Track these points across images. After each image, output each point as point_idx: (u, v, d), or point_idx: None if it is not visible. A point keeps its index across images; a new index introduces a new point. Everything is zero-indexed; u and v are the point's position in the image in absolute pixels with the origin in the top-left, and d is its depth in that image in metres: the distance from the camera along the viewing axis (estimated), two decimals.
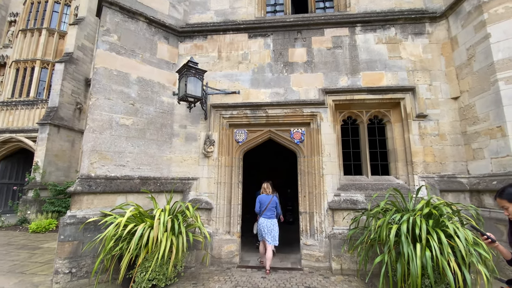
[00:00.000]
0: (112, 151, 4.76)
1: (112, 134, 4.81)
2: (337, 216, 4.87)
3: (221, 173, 5.31)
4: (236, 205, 5.35)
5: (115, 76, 4.99)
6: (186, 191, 5.22)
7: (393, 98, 5.29)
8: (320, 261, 4.80)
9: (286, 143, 5.52)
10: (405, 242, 3.29)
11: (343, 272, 4.54)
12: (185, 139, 5.49)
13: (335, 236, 4.72)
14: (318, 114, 5.29)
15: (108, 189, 4.52)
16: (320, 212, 4.98)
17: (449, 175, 4.94)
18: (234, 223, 5.26)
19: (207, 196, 5.20)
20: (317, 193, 5.05)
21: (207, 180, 5.27)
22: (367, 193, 4.96)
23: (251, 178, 11.23)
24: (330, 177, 5.07)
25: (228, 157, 5.46)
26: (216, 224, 5.12)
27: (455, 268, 3.05)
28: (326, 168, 5.10)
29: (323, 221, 4.92)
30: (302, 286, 3.96)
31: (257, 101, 5.41)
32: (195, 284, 4.01)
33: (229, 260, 5.01)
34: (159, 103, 5.43)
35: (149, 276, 3.62)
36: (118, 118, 4.91)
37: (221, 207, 5.20)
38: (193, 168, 5.36)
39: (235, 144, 5.57)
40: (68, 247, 4.06)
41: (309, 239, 5.01)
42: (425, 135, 5.12)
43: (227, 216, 5.27)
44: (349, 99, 5.31)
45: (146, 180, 5.00)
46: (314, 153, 5.22)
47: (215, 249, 5.03)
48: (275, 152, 11.14)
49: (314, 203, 5.07)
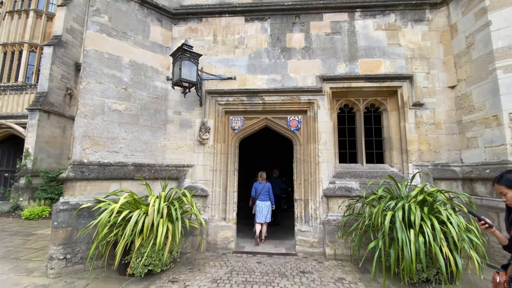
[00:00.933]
0: (104, 137, 4.65)
1: (105, 120, 4.68)
2: (332, 203, 4.92)
3: (216, 161, 5.26)
4: (232, 192, 5.35)
5: (106, 59, 4.80)
6: (181, 178, 5.18)
7: (390, 86, 5.24)
8: (314, 246, 4.88)
9: (282, 131, 5.48)
10: (399, 228, 3.33)
11: (337, 257, 4.63)
12: (179, 125, 5.39)
13: (329, 222, 4.78)
14: (315, 101, 5.22)
15: (101, 176, 4.44)
16: (315, 199, 5.01)
17: (442, 164, 4.99)
18: (229, 210, 5.27)
19: (202, 183, 5.18)
20: (313, 181, 5.07)
21: (203, 167, 5.23)
22: (361, 181, 4.99)
23: (247, 169, 11.25)
24: (326, 165, 5.07)
25: (223, 144, 5.40)
26: (211, 211, 5.13)
27: (447, 253, 3.12)
28: (322, 156, 5.09)
29: (318, 208, 4.97)
30: (296, 271, 4.03)
31: (254, 88, 5.30)
32: (191, 269, 4.05)
33: (224, 246, 5.05)
34: (153, 88, 5.28)
35: (145, 261, 3.62)
36: (110, 103, 4.77)
37: (216, 194, 5.19)
38: (188, 155, 5.30)
39: (231, 132, 5.50)
40: (62, 233, 4.02)
41: (303, 225, 5.06)
42: (421, 124, 5.13)
43: (223, 203, 5.28)
44: (347, 86, 5.25)
45: (140, 167, 4.93)
46: (310, 141, 5.19)
47: (211, 235, 5.06)
48: (271, 141, 11.13)
49: (309, 190, 5.09)
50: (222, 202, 5.26)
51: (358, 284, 3.62)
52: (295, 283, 3.58)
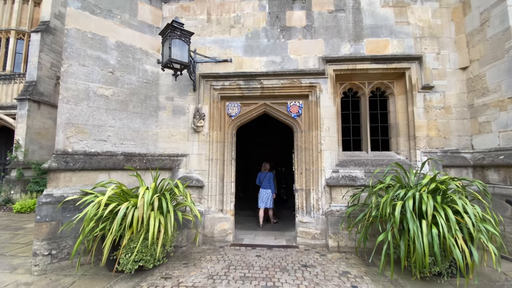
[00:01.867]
0: (90, 125, 4.30)
1: (90, 106, 4.32)
2: (335, 193, 4.65)
3: (212, 149, 4.95)
4: (229, 182, 5.06)
5: (90, 40, 4.40)
6: (175, 168, 4.87)
7: (398, 68, 4.88)
8: (316, 238, 4.64)
9: (282, 117, 5.14)
10: (410, 219, 3.06)
11: (340, 249, 4.39)
12: (172, 112, 5.03)
13: (332, 213, 4.52)
14: (318, 85, 4.87)
15: (88, 166, 4.13)
16: (317, 189, 4.74)
17: (452, 150, 4.70)
18: (227, 201, 5.00)
19: (197, 174, 4.88)
20: (315, 170, 4.78)
21: (198, 156, 4.92)
22: (366, 169, 4.71)
23: (246, 160, 10.97)
24: (329, 153, 4.77)
25: (220, 132, 5.07)
26: (208, 202, 4.85)
27: (462, 246, 2.87)
28: (324, 143, 4.78)
29: (320, 198, 4.70)
30: (298, 264, 3.79)
31: (251, 71, 4.93)
32: (185, 264, 3.80)
33: (222, 238, 4.80)
34: (142, 72, 4.89)
35: (135, 257, 3.36)
36: (96, 87, 4.40)
37: (213, 185, 4.90)
38: (182, 144, 4.97)
39: (227, 119, 5.16)
40: (45, 228, 3.74)
41: (305, 216, 4.81)
42: (430, 108, 4.80)
43: (220, 194, 4.99)
44: (351, 68, 4.88)
45: (131, 157, 4.61)
46: (312, 128, 4.87)
47: (207, 227, 4.80)
48: (269, 130, 10.80)
49: (311, 180, 4.81)
50: (219, 193, 4.98)
51: (364, 278, 3.39)
52: (297, 278, 3.33)
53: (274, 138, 11.12)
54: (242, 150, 11.02)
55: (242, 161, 11.03)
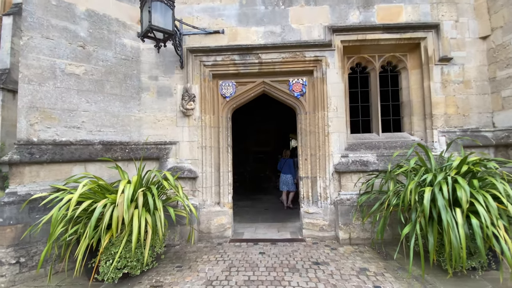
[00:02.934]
0: (59, 109, 3.64)
1: (58, 86, 3.64)
2: (345, 180, 4.17)
3: (205, 136, 4.36)
4: (226, 172, 4.52)
5: (54, 7, 3.65)
6: (163, 158, 4.28)
7: (412, 38, 4.33)
8: (324, 230, 4.20)
9: (283, 98, 4.57)
10: (443, 207, 2.61)
11: (352, 241, 3.97)
12: (157, 93, 4.39)
13: (342, 202, 4.05)
14: (324, 59, 4.28)
15: (58, 158, 3.50)
16: (324, 176, 4.25)
17: (472, 129, 4.26)
18: (224, 192, 4.47)
19: (190, 163, 4.30)
20: (321, 155, 4.27)
21: (189, 144, 4.33)
22: (379, 153, 4.23)
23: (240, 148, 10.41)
24: (337, 136, 4.26)
25: (213, 116, 4.47)
26: (203, 195, 4.31)
27: (504, 236, 2.44)
28: (332, 125, 4.25)
29: (328, 186, 4.22)
30: (308, 262, 3.34)
31: (247, 43, 4.28)
32: (179, 267, 3.29)
33: (220, 234, 4.31)
34: (120, 47, 4.19)
35: (118, 264, 2.82)
36: (64, 64, 3.70)
37: (208, 176, 4.35)
38: (170, 130, 4.36)
39: (221, 100, 4.55)
40: (10, 233, 3.14)
41: (311, 206, 4.34)
42: (448, 83, 4.31)
43: (216, 185, 4.46)
44: (361, 39, 4.30)
45: (111, 146, 3.99)
46: (318, 108, 4.32)
47: (203, 223, 4.29)
48: (268, 114, 10.23)
49: (317, 167, 4.31)
50: (214, 184, 4.44)
51: (386, 275, 2.96)
52: (310, 280, 2.88)
53: (273, 124, 10.56)
54: (237, 137, 10.45)
55: (237, 149, 10.49)
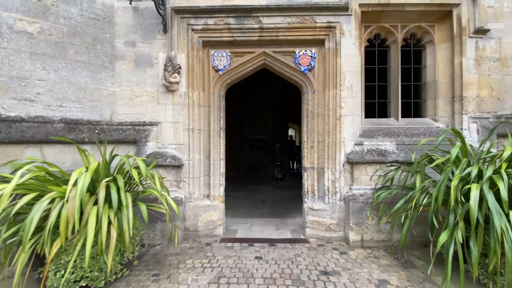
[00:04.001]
0: (6, 76, 2.86)
1: (4, 47, 2.85)
2: (358, 172, 3.53)
3: (193, 116, 3.64)
4: (218, 160, 3.83)
5: None
6: (142, 141, 3.56)
7: (444, 5, 3.60)
8: (331, 230, 3.59)
9: (287, 73, 3.84)
10: (496, 211, 2.00)
11: (364, 244, 3.38)
12: (134, 63, 3.61)
13: (354, 198, 3.43)
14: (338, 26, 3.54)
15: (4, 137, 2.76)
16: (334, 167, 3.60)
17: (507, 115, 3.63)
18: (215, 184, 3.81)
19: (173, 149, 3.60)
20: (331, 142, 3.61)
21: (173, 125, 3.60)
22: (399, 141, 3.59)
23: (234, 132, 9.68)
24: (350, 120, 3.58)
25: (203, 93, 3.73)
26: (189, 186, 3.64)
27: None
28: (345, 106, 3.57)
29: (338, 179, 3.58)
30: (316, 271, 2.74)
31: (246, 4, 3.49)
32: (156, 276, 2.65)
33: (209, 232, 3.68)
34: (88, 3, 3.36)
35: (72, 276, 2.16)
36: (13, 19, 2.89)
37: (195, 164, 3.66)
38: (150, 109, 3.62)
39: (213, 74, 3.80)
40: None
41: (316, 202, 3.72)
42: (483, 60, 3.63)
43: (205, 175, 3.78)
44: (384, 3, 3.55)
45: (76, 125, 3.24)
46: (329, 86, 3.62)
47: (190, 219, 3.64)
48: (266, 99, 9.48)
49: (325, 156, 3.66)
50: (204, 174, 3.76)
51: None
52: None
53: (270, 110, 9.82)
54: (233, 122, 9.71)
55: (232, 135, 9.78)
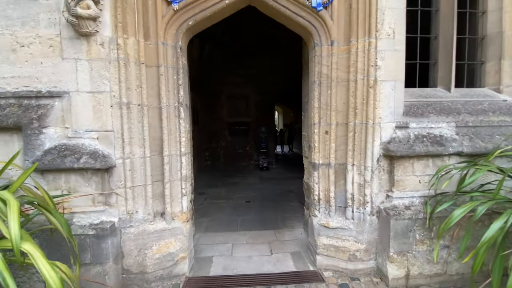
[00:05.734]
0: None
1: None
2: (402, 170, 2.26)
3: (129, 82, 2.09)
4: (177, 156, 2.35)
5: None
6: (33, 127, 1.98)
7: None
8: (357, 259, 2.35)
9: (289, 11, 2.34)
10: None
11: (410, 282, 2.19)
12: None
13: (397, 212, 2.18)
14: None
15: None
16: (362, 163, 2.30)
17: None
18: (173, 194, 2.36)
19: (94, 139, 2.07)
20: (359, 124, 2.28)
21: (92, 98, 2.05)
22: (459, 121, 2.35)
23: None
24: (391, 88, 2.25)
25: (146, 41, 2.17)
26: (128, 202, 2.16)
27: None
28: (383, 66, 2.21)
29: (369, 182, 2.29)
30: None
31: None
32: None
33: (165, 273, 2.29)
34: None
35: None
36: None
37: (137, 164, 2.17)
38: (49, 67, 2.02)
39: (164, 8, 2.20)
40: None
41: (333, 216, 2.44)
42: None
43: (157, 181, 2.31)
44: None
45: None
46: (357, 32, 2.22)
47: (131, 255, 2.19)
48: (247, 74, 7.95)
49: (348, 146, 2.34)
50: (153, 180, 2.28)
51: None
52: None
53: (254, 89, 8.30)
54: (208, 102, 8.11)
55: (209, 118, 8.21)
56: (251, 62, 7.97)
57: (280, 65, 8.05)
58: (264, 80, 8.11)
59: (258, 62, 7.97)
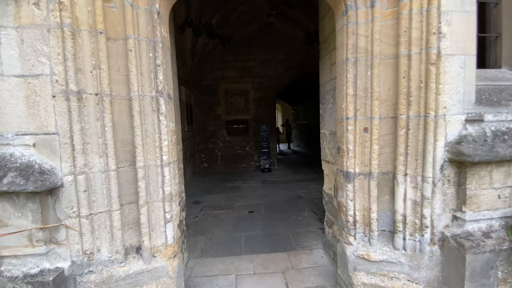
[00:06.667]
0: None
1: None
2: (477, 181, 1.61)
3: (81, 59, 1.41)
4: (157, 166, 1.66)
5: None
6: None
7: None
8: None
9: None
10: None
11: None
12: None
13: (474, 242, 1.53)
14: None
15: None
16: (419, 172, 1.64)
17: None
18: (154, 220, 1.67)
19: (31, 146, 1.38)
20: (414, 118, 1.62)
21: (24, 85, 1.37)
22: None
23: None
24: (460, 65, 1.59)
25: (105, 3, 1.49)
26: (85, 237, 1.48)
27: None
28: (449, 34, 1.55)
29: (429, 199, 1.64)
30: None
31: None
32: None
33: None
34: None
35: None
36: None
37: (96, 180, 1.49)
38: None
39: None
40: None
41: (376, 245, 1.79)
42: None
43: (130, 202, 1.63)
44: None
45: None
46: None
47: None
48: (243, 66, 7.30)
49: (398, 148, 1.69)
50: (124, 202, 1.61)
51: None
52: None
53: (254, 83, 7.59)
54: (204, 99, 7.41)
55: (204, 116, 7.52)
56: (249, 54, 7.31)
57: (281, 56, 7.39)
58: (263, 74, 7.45)
59: (256, 54, 7.31)
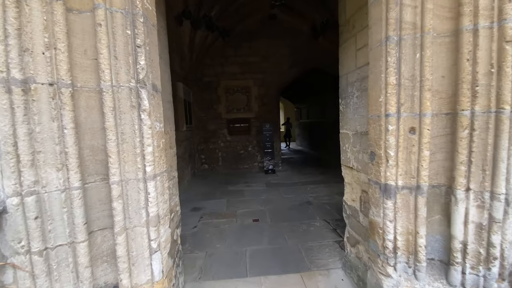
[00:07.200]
0: None
1: None
2: None
3: (29, 36, 1.02)
4: (137, 181, 1.26)
5: None
6: None
7: None
8: None
9: None
10: None
11: None
12: None
13: None
14: None
15: None
16: (487, 187, 1.23)
17: None
18: (135, 251, 1.28)
19: None
20: (481, 113, 1.21)
21: None
22: None
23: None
24: None
25: None
26: (39, 279, 1.09)
27: None
28: None
29: (499, 223, 1.23)
30: None
31: None
32: None
33: None
34: None
35: None
36: None
37: (53, 203, 1.09)
38: None
39: None
40: None
41: (424, 279, 1.38)
42: None
43: (103, 228, 1.23)
44: None
45: None
46: None
47: None
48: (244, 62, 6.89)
49: (455, 155, 1.28)
50: (95, 229, 1.21)
51: None
52: None
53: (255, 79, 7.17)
54: (205, 98, 7.00)
55: (204, 115, 7.11)
56: (251, 48, 6.90)
57: (284, 51, 6.97)
58: (266, 69, 7.04)
59: (259, 49, 6.90)
